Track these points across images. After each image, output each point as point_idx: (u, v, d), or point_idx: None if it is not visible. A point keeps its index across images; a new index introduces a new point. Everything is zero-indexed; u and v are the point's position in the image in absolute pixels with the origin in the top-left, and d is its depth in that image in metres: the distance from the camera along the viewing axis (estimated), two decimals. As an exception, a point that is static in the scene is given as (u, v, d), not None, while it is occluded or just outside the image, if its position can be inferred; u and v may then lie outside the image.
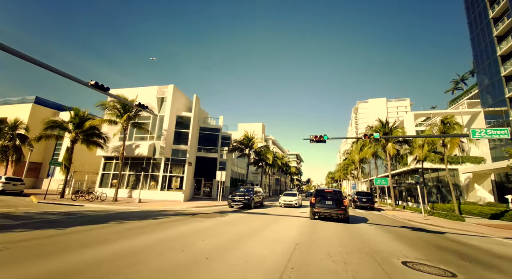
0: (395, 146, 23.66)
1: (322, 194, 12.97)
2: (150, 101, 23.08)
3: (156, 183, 22.11)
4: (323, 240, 7.54)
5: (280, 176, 59.98)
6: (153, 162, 22.73)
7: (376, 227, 11.12)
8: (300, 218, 12.96)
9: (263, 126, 58.24)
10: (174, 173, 22.37)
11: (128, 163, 23.34)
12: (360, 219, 14.13)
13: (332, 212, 11.83)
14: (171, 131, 22.75)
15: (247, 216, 12.79)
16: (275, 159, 39.98)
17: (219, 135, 28.86)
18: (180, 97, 24.15)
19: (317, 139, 17.14)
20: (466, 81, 51.78)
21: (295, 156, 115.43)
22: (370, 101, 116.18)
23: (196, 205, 17.87)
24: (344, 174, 61.58)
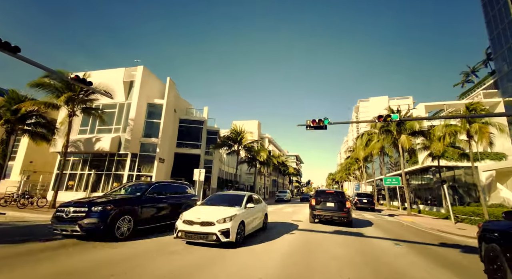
0: (410, 138, 19.71)
1: (323, 195, 11.71)
2: (115, 86, 19.16)
3: (119, 183, 18.13)
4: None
5: (277, 177, 55.98)
6: (117, 159, 18.80)
7: (408, 248, 7.16)
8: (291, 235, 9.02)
9: (258, 124, 54.38)
10: (144, 172, 18.43)
11: (88, 161, 19.41)
12: (372, 229, 10.20)
13: (333, 215, 10.79)
14: (140, 121, 18.85)
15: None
16: (270, 158, 36.03)
17: (203, 129, 24.94)
18: (152, 81, 20.31)
19: (316, 125, 13.20)
20: (477, 72, 47.92)
21: (294, 157, 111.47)
22: (371, 99, 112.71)
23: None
24: (346, 174, 57.49)
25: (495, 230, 3.93)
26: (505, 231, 3.63)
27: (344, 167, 57.07)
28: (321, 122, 12.82)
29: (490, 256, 3.84)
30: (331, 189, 17.11)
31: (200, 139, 24.52)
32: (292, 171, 61.90)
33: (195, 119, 24.74)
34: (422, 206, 31.15)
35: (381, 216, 18.30)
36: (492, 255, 3.76)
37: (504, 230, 3.68)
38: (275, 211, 17.74)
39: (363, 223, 13.28)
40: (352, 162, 44.76)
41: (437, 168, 29.80)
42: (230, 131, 26.50)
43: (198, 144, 24.30)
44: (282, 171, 58.27)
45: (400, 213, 21.56)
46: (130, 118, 18.20)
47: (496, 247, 3.67)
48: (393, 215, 19.73)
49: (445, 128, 20.13)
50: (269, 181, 55.71)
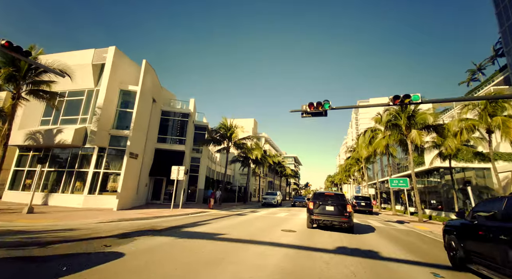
0: (422, 133, 17.18)
1: (322, 198, 10.79)
2: (82, 70, 16.60)
3: (82, 183, 15.43)
4: None
5: (273, 179, 53.32)
6: (82, 154, 16.10)
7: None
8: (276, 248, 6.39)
9: (254, 122, 51.81)
10: (113, 169, 15.75)
11: (48, 156, 16.71)
12: (388, 244, 7.60)
13: (333, 220, 10.00)
14: (111, 110, 16.20)
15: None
16: (264, 157, 33.40)
17: (188, 122, 22.31)
18: (127, 65, 17.69)
19: (314, 110, 10.67)
20: (484, 70, 45.75)
21: (292, 158, 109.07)
22: (371, 100, 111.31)
23: (130, 216, 11.25)
24: (346, 176, 54.93)
25: (452, 225, 6.21)
26: (456, 226, 5.93)
27: (343, 169, 54.53)
28: (320, 106, 10.25)
29: (449, 242, 6.02)
30: (330, 191, 15.69)
31: (184, 133, 21.88)
32: (289, 173, 59.23)
33: (179, 111, 22.11)
34: (428, 211, 28.63)
35: (389, 223, 15.69)
36: (450, 241, 5.99)
37: (456, 225, 5.97)
38: (265, 217, 15.06)
39: (369, 231, 10.68)
40: (352, 162, 42.21)
41: (447, 169, 27.42)
42: (219, 125, 23.88)
43: (183, 140, 21.65)
44: (279, 172, 55.63)
45: (409, 219, 18.96)
46: (97, 106, 15.53)
47: (452, 236, 5.85)
48: (402, 221, 17.13)
49: (462, 122, 17.65)
50: (265, 183, 53.03)
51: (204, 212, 16.56)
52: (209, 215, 14.94)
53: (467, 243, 5.21)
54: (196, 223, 10.61)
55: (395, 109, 19.14)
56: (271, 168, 51.22)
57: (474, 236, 4.98)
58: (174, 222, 10.56)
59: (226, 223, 11.03)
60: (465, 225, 5.50)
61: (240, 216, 15.20)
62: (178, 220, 11.62)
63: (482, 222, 4.87)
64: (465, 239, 5.30)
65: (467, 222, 5.46)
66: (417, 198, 17.96)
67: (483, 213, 5.04)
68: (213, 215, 14.71)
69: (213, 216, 14.40)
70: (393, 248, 7.51)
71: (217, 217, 13.94)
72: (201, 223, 10.70)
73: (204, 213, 16.08)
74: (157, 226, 9.43)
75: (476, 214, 5.24)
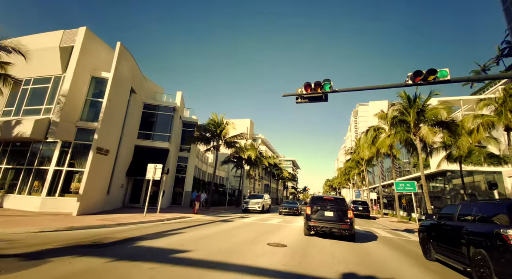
0: (433, 131, 15.19)
1: (320, 202, 9.97)
2: (49, 54, 14.60)
3: (41, 183, 13.22)
4: None
5: (270, 182, 51.10)
6: (43, 149, 13.95)
7: None
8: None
9: (251, 122, 49.81)
10: (79, 167, 13.58)
11: (7, 151, 14.54)
12: (413, 270, 5.53)
13: (333, 226, 9.01)
14: (78, 99, 14.11)
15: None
16: (259, 158, 31.29)
17: (174, 118, 20.20)
18: (102, 51, 15.65)
19: (311, 94, 8.71)
20: (488, 71, 44.11)
21: (290, 162, 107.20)
22: (371, 103, 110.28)
23: (86, 223, 9.08)
24: (345, 180, 52.83)
25: (424, 225, 7.59)
26: (427, 225, 7.29)
27: (342, 172, 52.45)
28: (318, 88, 8.22)
29: (422, 238, 7.46)
30: (329, 195, 14.52)
31: (169, 130, 19.75)
32: (286, 176, 57.03)
33: (164, 104, 20.02)
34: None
35: (398, 233, 13.58)
36: (423, 238, 7.38)
37: (427, 224, 7.34)
38: (254, 225, 12.89)
39: (378, 243, 8.57)
40: (352, 165, 40.17)
41: (453, 172, 25.52)
42: (208, 121, 21.78)
43: (167, 136, 19.51)
44: (275, 175, 53.42)
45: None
46: (61, 93, 13.44)
47: (424, 234, 7.29)
48: (412, 230, 15.02)
49: (477, 119, 15.71)
50: (261, 186, 50.76)
51: (185, 217, 14.39)
52: (189, 221, 12.77)
53: (434, 238, 6.68)
54: (164, 233, 8.47)
55: (402, 105, 17.22)
56: (268, 171, 49.04)
57: (438, 233, 6.50)
58: (136, 232, 8.41)
59: (201, 234, 8.88)
60: (433, 224, 6.96)
61: (225, 222, 13.04)
62: (145, 228, 9.46)
63: (444, 222, 6.35)
64: (432, 235, 6.78)
65: (435, 222, 6.90)
66: (428, 203, 15.91)
67: (445, 215, 6.58)
68: (193, 222, 12.54)
69: (192, 223, 12.23)
70: (422, 274, 5.43)
71: (197, 224, 11.77)
72: (170, 233, 8.55)
73: (184, 219, 13.90)
74: (110, 237, 7.30)
75: (441, 216, 6.80)
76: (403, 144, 21.02)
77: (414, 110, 16.11)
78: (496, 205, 5.19)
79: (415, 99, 16.76)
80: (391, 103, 17.63)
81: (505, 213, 4.65)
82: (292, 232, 10.89)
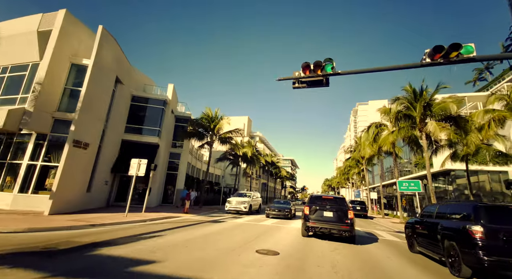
0: (442, 125, 14.09)
1: (319, 202, 9.51)
2: (27, 39, 13.41)
3: (13, 178, 12.05)
4: None
5: (267, 180, 50.01)
6: (17, 142, 12.77)
7: None
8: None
9: (248, 120, 48.72)
10: (56, 162, 12.40)
11: (-23, 144, 13.34)
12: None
13: (332, 227, 8.66)
14: (55, 87, 12.93)
15: None
16: (256, 155, 30.16)
17: (164, 111, 19.02)
18: (84, 36, 14.44)
19: (310, 77, 7.63)
20: (492, 69, 43.14)
21: (289, 161, 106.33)
22: (370, 103, 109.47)
23: (54, 223, 7.94)
24: (344, 179, 51.80)
25: (409, 222, 8.63)
26: (412, 222, 8.38)
27: (342, 171, 51.42)
28: (319, 69, 7.10)
29: (408, 234, 8.52)
30: (328, 194, 14.30)
31: (159, 124, 18.58)
32: (285, 174, 55.94)
33: (153, 97, 18.83)
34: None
35: (402, 236, 12.49)
36: (408, 233, 8.44)
37: (411, 222, 8.43)
38: (246, 226, 11.77)
39: (388, 250, 7.47)
40: (352, 164, 39.11)
41: (460, 172, 24.52)
42: (201, 115, 20.59)
43: (157, 131, 18.34)
44: (273, 174, 52.34)
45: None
46: (36, 81, 12.25)
47: (409, 230, 8.30)
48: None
49: (488, 114, 14.64)
50: (258, 185, 49.65)
51: (172, 217, 13.26)
52: (175, 222, 11.64)
53: (416, 234, 7.85)
54: (138, 237, 7.34)
55: (407, 99, 16.11)
56: (265, 169, 47.95)
57: (420, 228, 7.66)
58: (106, 235, 7.28)
59: (182, 237, 7.75)
60: (417, 221, 8.05)
61: (214, 223, 11.93)
62: (120, 230, 8.33)
63: (425, 220, 7.53)
64: (415, 231, 7.92)
65: (418, 220, 8.02)
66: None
67: (426, 214, 7.78)
68: (179, 223, 11.41)
69: (178, 223, 11.11)
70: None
71: (183, 225, 10.65)
72: (146, 237, 7.42)
73: (171, 219, 12.78)
74: (72, 241, 6.21)
75: (423, 214, 8.01)
76: (407, 141, 19.93)
77: (420, 104, 15.01)
78: (465, 206, 6.10)
79: (421, 92, 15.66)
80: (395, 97, 16.48)
81: (471, 212, 5.60)
82: (288, 234, 9.79)
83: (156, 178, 18.31)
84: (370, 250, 7.83)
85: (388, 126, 22.38)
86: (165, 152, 20.99)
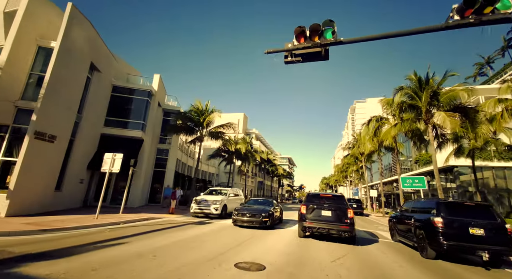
0: (451, 115, 12.81)
1: (317, 201, 8.93)
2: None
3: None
4: None
5: (264, 179, 48.73)
6: (-27, 134, 11.25)
7: None
8: None
9: (244, 117, 47.31)
10: (15, 157, 10.90)
11: None
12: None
13: (331, 227, 8.10)
14: (19, 73, 11.41)
15: None
16: (251, 152, 28.79)
17: (150, 103, 17.56)
18: (51, 15, 12.76)
19: (306, 47, 6.15)
20: (493, 64, 42.17)
21: (287, 159, 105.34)
22: (368, 100, 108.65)
23: (3, 227, 6.53)
24: (342, 177, 50.70)
25: (392, 216, 10.27)
26: (393, 216, 10.03)
27: (340, 169, 50.26)
28: (316, 36, 5.72)
29: (390, 226, 10.07)
30: (327, 192, 13.65)
31: (143, 116, 17.10)
32: (281, 172, 54.68)
33: (137, 88, 17.33)
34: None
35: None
36: (391, 226, 9.99)
37: (393, 216, 10.12)
38: (233, 229, 10.39)
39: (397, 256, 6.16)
40: (350, 161, 37.94)
41: (468, 168, 23.41)
42: (190, 108, 19.11)
43: (140, 124, 16.87)
44: (270, 172, 51.04)
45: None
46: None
47: (391, 222, 9.93)
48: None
49: (500, 104, 13.42)
50: (254, 183, 48.34)
51: (153, 219, 11.85)
52: (153, 224, 10.25)
53: (397, 225, 9.36)
54: (95, 245, 5.95)
55: (412, 88, 14.84)
56: (261, 167, 46.65)
57: (399, 221, 9.19)
58: (51, 244, 5.88)
59: (151, 245, 6.37)
60: (397, 215, 9.79)
61: (198, 226, 10.56)
62: (80, 236, 6.93)
63: (403, 213, 9.11)
64: (396, 223, 9.47)
65: (398, 214, 9.80)
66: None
67: (405, 209, 9.48)
68: (158, 225, 10.02)
69: (156, 226, 9.71)
70: None
71: (160, 228, 9.27)
72: (105, 245, 6.03)
73: (152, 220, 11.37)
74: (3, 251, 4.78)
75: (401, 209, 9.91)
76: (409, 135, 18.73)
77: (427, 93, 13.72)
78: (431, 202, 7.70)
79: (428, 80, 14.38)
80: (399, 86, 15.20)
81: (434, 207, 7.12)
82: (280, 239, 8.46)
83: (140, 176, 16.88)
84: (376, 257, 6.54)
85: (389, 119, 21.15)
86: (152, 148, 19.54)
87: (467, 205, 7.07)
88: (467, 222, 6.31)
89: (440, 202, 7.11)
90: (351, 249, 7.34)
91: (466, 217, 6.46)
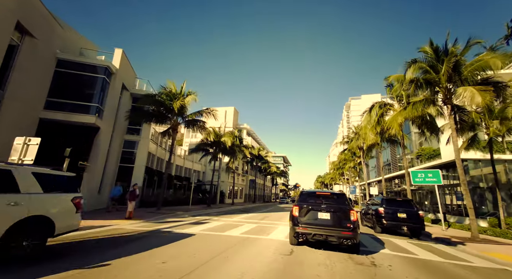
0: (483, 88, 10.03)
1: (313, 200, 7.27)
2: None
3: None
4: None
5: (255, 177, 45.81)
6: None
7: None
8: None
9: (235, 111, 44.23)
10: None
11: None
12: None
13: (330, 234, 6.46)
14: None
15: None
16: (239, 146, 25.74)
17: (109, 84, 14.33)
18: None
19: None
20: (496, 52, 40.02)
21: (281, 158, 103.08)
22: (363, 97, 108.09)
23: None
24: (339, 174, 48.17)
25: (362, 208, 15.68)
26: (363, 208, 15.16)
27: (336, 166, 47.76)
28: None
29: (360, 216, 14.85)
30: (324, 190, 13.35)
31: (98, 99, 13.83)
32: (274, 170, 51.81)
33: (91, 63, 14.05)
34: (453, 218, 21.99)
35: (433, 247, 8.43)
36: (360, 215, 14.97)
37: (363, 208, 15.26)
38: (205, 237, 7.35)
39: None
40: (347, 157, 35.35)
41: (478, 161, 21.05)
42: (160, 90, 15.85)
43: (94, 107, 13.61)
44: (262, 169, 48.12)
45: (453, 235, 11.63)
46: None
47: (361, 212, 15.24)
48: (448, 240, 9.89)
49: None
50: (245, 181, 45.33)
51: (94, 227, 8.71)
52: (82, 236, 7.11)
53: (363, 216, 14.03)
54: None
55: (428, 59, 12.07)
56: (253, 165, 43.70)
57: (365, 213, 13.81)
58: None
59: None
60: (363, 208, 14.53)
61: (152, 239, 7.49)
62: None
63: (368, 206, 13.75)
64: (363, 214, 14.15)
65: (365, 207, 14.41)
66: (467, 200, 10.91)
67: (369, 203, 14.36)
68: (92, 236, 6.89)
69: (87, 238, 6.59)
70: None
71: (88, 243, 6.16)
72: None
73: (90, 230, 8.22)
74: None
75: (367, 203, 15.22)
76: (417, 123, 16.10)
77: (448, 64, 10.94)
78: (380, 198, 12.63)
79: (447, 51, 11.61)
80: (412, 59, 12.37)
81: (380, 201, 12.01)
82: (262, 254, 5.49)
83: (95, 172, 13.68)
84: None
85: (394, 106, 18.45)
86: (116, 140, 16.32)
87: (398, 200, 12.33)
88: (397, 210, 10.97)
89: (384, 198, 12.40)
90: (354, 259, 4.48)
91: (397, 207, 11.17)
